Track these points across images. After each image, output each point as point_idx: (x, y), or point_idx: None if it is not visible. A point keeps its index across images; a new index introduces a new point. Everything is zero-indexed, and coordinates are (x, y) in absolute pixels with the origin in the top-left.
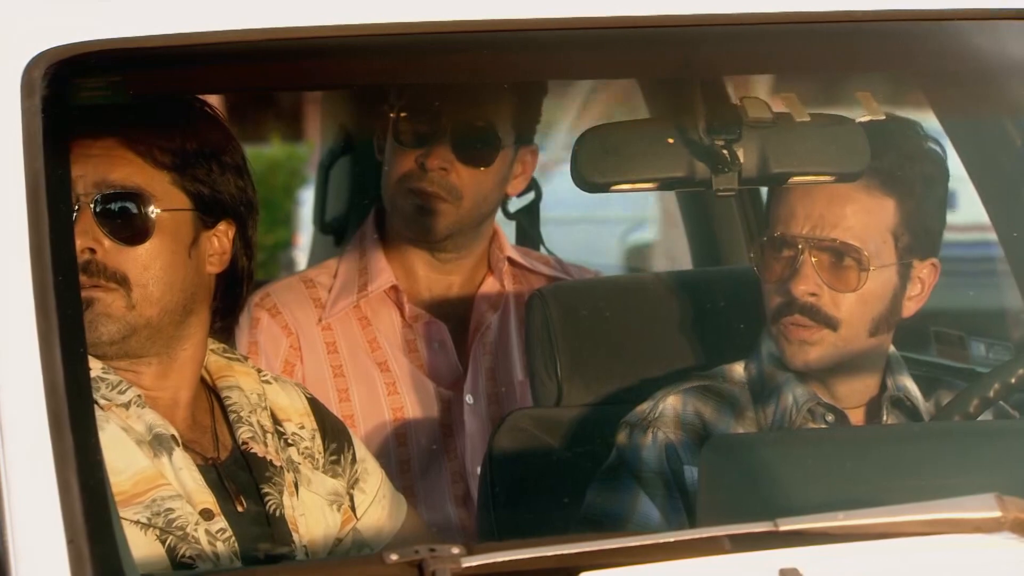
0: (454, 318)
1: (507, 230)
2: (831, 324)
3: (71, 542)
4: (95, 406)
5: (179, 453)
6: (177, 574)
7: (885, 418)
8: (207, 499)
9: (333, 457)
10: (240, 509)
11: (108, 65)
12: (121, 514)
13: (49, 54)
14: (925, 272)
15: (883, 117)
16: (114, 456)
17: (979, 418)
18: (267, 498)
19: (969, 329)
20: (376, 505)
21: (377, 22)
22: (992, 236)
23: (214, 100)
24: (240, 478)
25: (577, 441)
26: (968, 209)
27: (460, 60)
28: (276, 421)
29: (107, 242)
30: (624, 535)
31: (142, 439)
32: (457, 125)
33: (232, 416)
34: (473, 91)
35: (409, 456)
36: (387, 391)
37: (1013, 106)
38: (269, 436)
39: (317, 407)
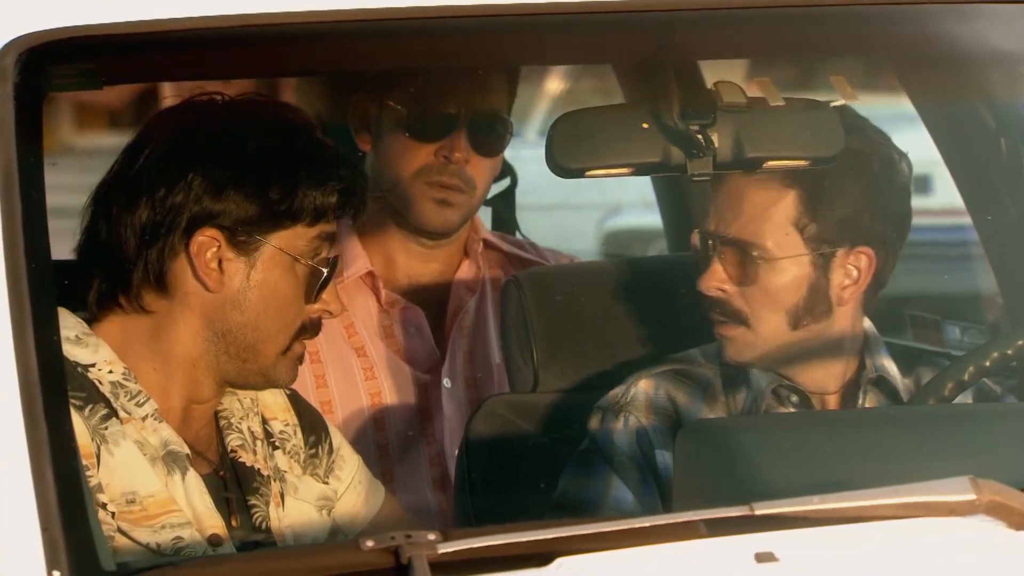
0: (431, 303)
1: (484, 216)
2: (741, 320)
3: (45, 530)
4: (114, 418)
5: (192, 474)
6: (150, 561)
7: (863, 399)
8: (216, 524)
9: (311, 451)
10: (233, 524)
11: (80, 52)
12: (131, 534)
13: (21, 41)
14: (861, 261)
15: (858, 100)
16: (128, 476)
17: (954, 401)
18: (253, 510)
19: (944, 313)
20: (351, 491)
21: (352, 8)
22: (966, 220)
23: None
24: (232, 489)
25: (553, 427)
26: (943, 193)
27: (434, 45)
28: (264, 421)
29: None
30: (600, 520)
31: (156, 455)
32: (472, 115)
33: (222, 423)
34: (482, 78)
35: (387, 440)
36: (364, 376)
37: (987, 90)
38: (259, 443)
39: (296, 401)
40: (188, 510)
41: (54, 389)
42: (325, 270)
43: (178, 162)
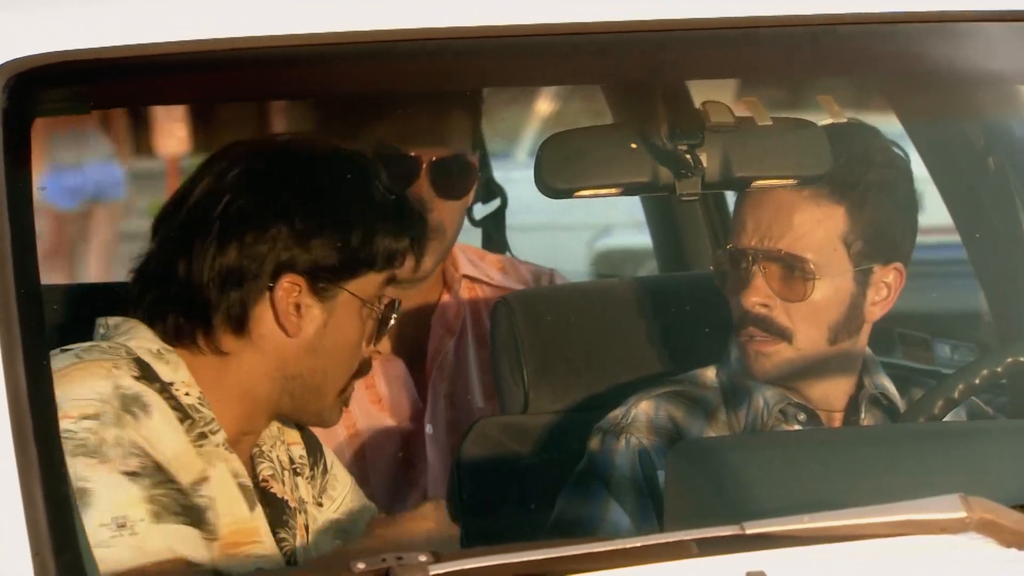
0: (412, 346)
1: (473, 237)
2: (784, 335)
3: (36, 555)
4: (205, 439)
5: (259, 509)
6: None
7: (863, 417)
8: (278, 559)
9: (311, 472)
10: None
11: (70, 77)
12: (213, 558)
13: (9, 67)
14: (890, 277)
15: (845, 120)
16: (217, 495)
17: (944, 419)
18: (283, 544)
19: (934, 331)
20: (343, 509)
21: (339, 31)
22: (955, 238)
23: (178, 111)
24: (268, 523)
25: (544, 448)
26: (932, 212)
27: (424, 68)
28: (287, 449)
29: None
30: (591, 541)
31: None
32: (433, 163)
33: (255, 451)
34: (439, 120)
35: (372, 494)
36: (347, 432)
37: (974, 109)
38: (286, 473)
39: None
40: (269, 543)
41: (44, 411)
42: (393, 315)
43: (265, 210)
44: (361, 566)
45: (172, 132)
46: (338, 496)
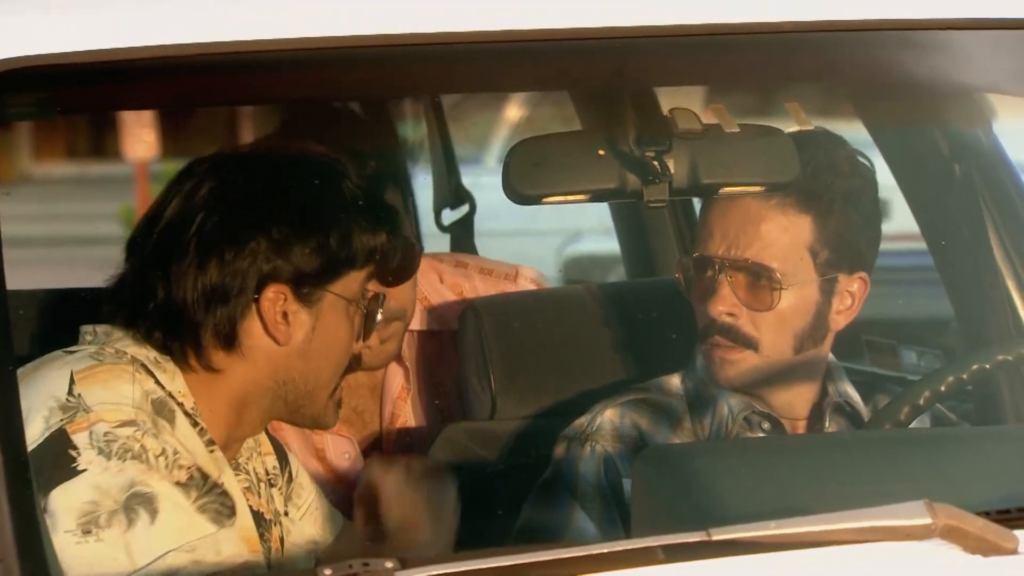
0: (362, 418)
1: (443, 243)
2: (750, 344)
3: (1, 561)
4: (213, 445)
5: (250, 521)
6: None
7: (828, 425)
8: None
9: (281, 482)
10: None
11: (35, 82)
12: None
13: None
14: (854, 286)
15: (812, 128)
16: (233, 502)
17: (910, 425)
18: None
19: (900, 337)
20: (308, 517)
21: (306, 36)
22: (922, 245)
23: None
24: None
25: (512, 454)
26: (898, 219)
27: (391, 72)
28: (262, 459)
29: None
30: (558, 547)
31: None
32: (375, 264)
33: (231, 463)
34: (382, 218)
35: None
36: None
37: (941, 117)
38: (262, 485)
39: (266, 431)
40: (264, 556)
41: (8, 412)
42: (380, 311)
43: (240, 225)
44: (328, 571)
45: (140, 136)
46: (303, 504)
